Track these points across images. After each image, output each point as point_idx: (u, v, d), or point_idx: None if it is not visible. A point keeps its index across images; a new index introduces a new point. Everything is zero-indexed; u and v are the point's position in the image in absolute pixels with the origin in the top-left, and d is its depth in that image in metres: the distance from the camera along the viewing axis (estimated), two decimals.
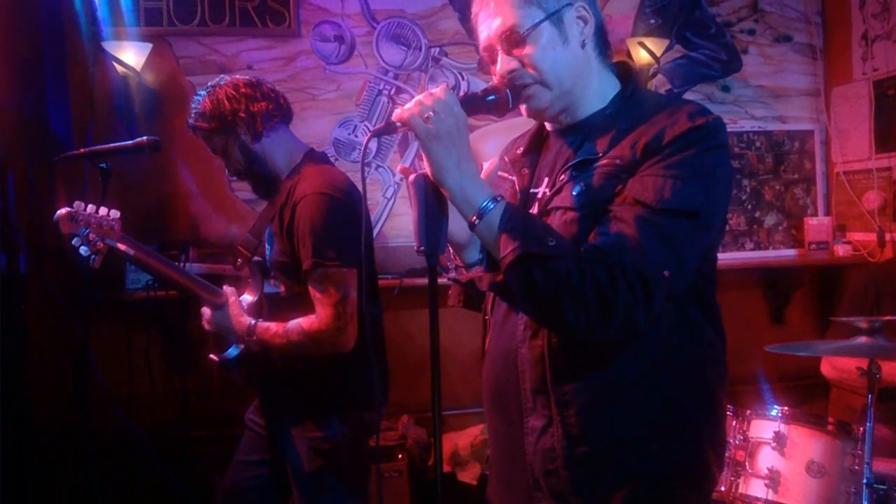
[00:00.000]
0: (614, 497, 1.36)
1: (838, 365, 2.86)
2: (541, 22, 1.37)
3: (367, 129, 3.75)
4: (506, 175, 1.54)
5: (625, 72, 1.48)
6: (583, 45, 1.41)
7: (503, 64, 1.39)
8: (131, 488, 3.26)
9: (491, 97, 1.37)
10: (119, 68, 3.39)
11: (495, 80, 1.42)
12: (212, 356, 2.20)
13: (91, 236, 2.02)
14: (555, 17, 1.37)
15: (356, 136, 3.75)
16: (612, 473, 1.37)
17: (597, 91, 1.44)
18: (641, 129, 1.34)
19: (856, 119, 3.98)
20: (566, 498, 1.38)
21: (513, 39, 1.37)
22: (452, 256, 1.52)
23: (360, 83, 3.77)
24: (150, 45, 3.44)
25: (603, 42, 1.46)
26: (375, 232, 3.71)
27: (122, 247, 2.06)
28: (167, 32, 3.58)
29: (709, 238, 1.36)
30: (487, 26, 1.40)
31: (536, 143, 1.54)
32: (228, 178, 3.41)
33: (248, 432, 2.37)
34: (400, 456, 3.26)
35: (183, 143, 3.45)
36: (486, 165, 1.55)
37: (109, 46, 3.39)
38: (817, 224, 4.06)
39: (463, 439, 3.41)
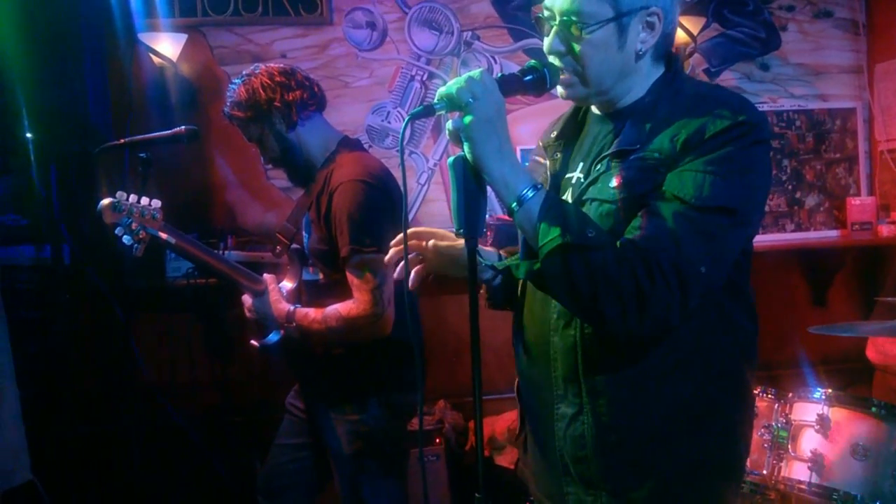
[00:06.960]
0: (643, 485, 1.37)
1: (884, 349, 2.81)
2: (606, 22, 1.32)
3: (401, 115, 3.75)
4: (541, 159, 1.53)
5: (668, 57, 1.44)
6: (637, 55, 1.36)
7: (552, 42, 1.37)
8: (173, 473, 3.32)
9: (529, 77, 1.35)
10: (155, 59, 3.44)
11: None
12: (253, 342, 2.23)
13: (133, 226, 2.06)
14: (623, 19, 1.32)
15: (389, 123, 3.75)
16: (641, 462, 1.37)
17: (638, 83, 1.40)
18: (682, 122, 1.30)
19: None
20: (595, 484, 1.39)
21: (572, 25, 1.33)
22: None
23: (392, 69, 3.76)
24: (184, 36, 3.48)
25: (664, 48, 1.40)
26: (410, 217, 3.72)
27: (163, 236, 2.10)
28: (201, 23, 3.62)
29: (746, 234, 1.35)
30: None
31: (571, 127, 1.52)
32: (264, 166, 3.45)
33: (288, 416, 2.40)
34: (437, 440, 3.28)
35: (219, 133, 3.49)
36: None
37: (145, 38, 3.44)
38: (860, 204, 3.95)
39: (500, 424, 3.41)
